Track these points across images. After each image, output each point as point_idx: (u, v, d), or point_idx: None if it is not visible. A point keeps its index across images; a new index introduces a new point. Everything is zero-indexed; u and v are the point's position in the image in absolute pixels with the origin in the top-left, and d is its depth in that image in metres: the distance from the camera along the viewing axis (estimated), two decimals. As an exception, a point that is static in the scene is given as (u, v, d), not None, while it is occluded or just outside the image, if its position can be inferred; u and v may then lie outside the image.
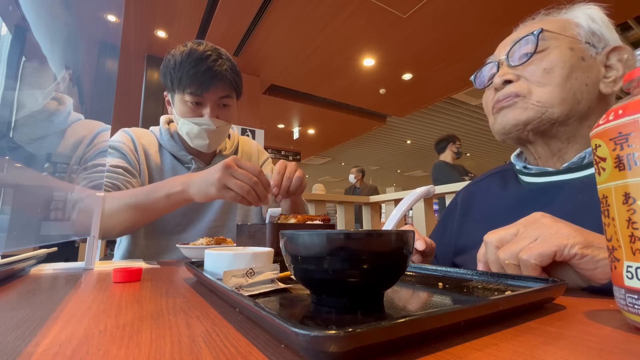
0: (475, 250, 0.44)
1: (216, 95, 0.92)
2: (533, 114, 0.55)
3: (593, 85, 0.55)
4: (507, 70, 0.59)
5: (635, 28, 3.70)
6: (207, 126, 0.92)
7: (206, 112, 0.91)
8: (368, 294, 0.29)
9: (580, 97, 0.54)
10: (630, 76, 0.25)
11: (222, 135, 0.98)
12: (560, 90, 0.54)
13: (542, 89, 0.55)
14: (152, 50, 3.92)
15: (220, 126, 0.94)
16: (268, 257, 0.45)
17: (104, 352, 0.20)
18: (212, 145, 0.97)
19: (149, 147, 1.00)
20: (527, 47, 0.57)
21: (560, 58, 0.55)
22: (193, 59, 0.88)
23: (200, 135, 0.93)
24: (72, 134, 0.80)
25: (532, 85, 0.56)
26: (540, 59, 0.56)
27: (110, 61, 0.85)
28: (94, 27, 0.84)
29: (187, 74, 0.87)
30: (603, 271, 0.34)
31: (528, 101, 0.56)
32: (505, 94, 0.58)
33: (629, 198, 0.22)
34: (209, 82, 0.88)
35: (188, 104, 0.91)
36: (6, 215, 0.50)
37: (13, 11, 0.52)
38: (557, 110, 0.54)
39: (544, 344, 0.21)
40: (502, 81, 0.58)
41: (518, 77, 0.58)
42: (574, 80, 0.54)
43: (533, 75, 0.56)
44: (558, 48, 0.55)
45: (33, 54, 0.60)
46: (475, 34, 3.50)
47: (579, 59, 0.55)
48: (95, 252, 0.65)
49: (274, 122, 6.25)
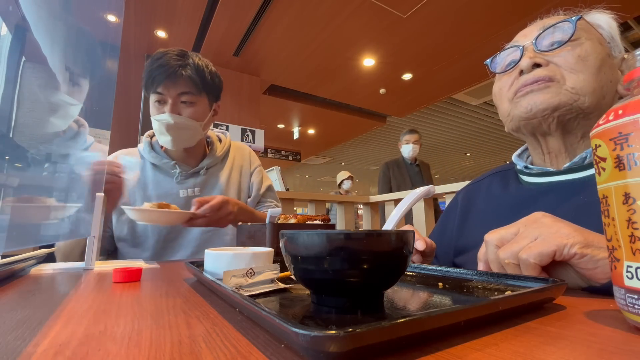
0: (475, 250, 0.44)
1: (174, 91, 0.94)
2: (565, 100, 0.53)
3: (614, 84, 0.55)
4: (535, 54, 0.56)
5: (635, 28, 3.70)
6: (165, 121, 0.93)
7: (166, 109, 0.94)
8: (368, 294, 0.29)
9: (605, 92, 0.54)
10: (630, 76, 0.25)
11: (185, 131, 0.97)
12: (593, 79, 0.53)
13: (576, 75, 0.53)
14: (152, 50, 3.92)
15: (181, 122, 0.95)
16: (268, 257, 0.45)
17: (104, 352, 0.20)
18: (176, 142, 0.97)
19: (130, 169, 1.02)
20: (560, 34, 0.55)
21: (594, 49, 0.54)
22: (155, 58, 0.93)
23: (161, 131, 0.95)
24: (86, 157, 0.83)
25: (564, 71, 0.54)
26: (574, 47, 0.54)
27: (110, 61, 0.85)
28: (94, 27, 0.84)
29: (147, 73, 0.93)
30: (603, 271, 0.34)
31: (562, 86, 0.53)
32: (536, 76, 0.55)
33: (629, 198, 0.22)
34: (164, 77, 0.91)
35: (155, 104, 0.95)
36: (6, 215, 0.50)
37: (13, 11, 0.52)
38: (588, 100, 0.53)
39: (544, 344, 0.21)
40: (531, 63, 0.55)
41: (547, 62, 0.55)
42: (603, 74, 0.54)
43: (566, 61, 0.54)
44: (590, 40, 0.55)
45: (34, 54, 0.60)
46: (475, 34, 3.49)
47: (607, 55, 0.55)
48: (95, 252, 0.65)
49: (274, 122, 6.25)
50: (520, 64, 0.57)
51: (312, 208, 2.35)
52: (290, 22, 3.37)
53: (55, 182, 0.66)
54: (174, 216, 0.81)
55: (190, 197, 1.01)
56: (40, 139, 0.61)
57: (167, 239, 0.99)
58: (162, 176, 1.03)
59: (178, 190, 1.01)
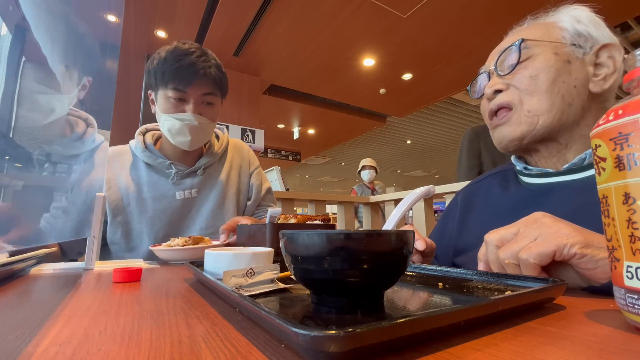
0: (475, 251, 0.44)
1: (199, 91, 0.91)
2: (527, 128, 0.57)
3: (582, 86, 0.55)
4: (496, 81, 0.60)
5: (635, 28, 3.70)
6: (190, 122, 0.90)
7: (189, 109, 0.90)
8: (368, 294, 0.29)
9: (570, 99, 0.55)
10: (630, 76, 0.25)
11: (204, 133, 0.95)
12: (548, 96, 0.55)
13: (531, 97, 0.56)
14: (152, 50, 3.92)
15: (203, 123, 0.92)
16: (268, 257, 0.45)
17: (104, 352, 0.20)
18: (194, 143, 0.94)
19: (121, 168, 0.98)
20: (511, 57, 0.59)
21: (545, 64, 0.56)
22: (177, 54, 0.88)
23: (182, 132, 0.91)
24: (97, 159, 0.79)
25: (522, 93, 0.57)
26: (525, 67, 0.57)
27: (110, 61, 0.85)
28: (94, 27, 0.84)
29: (170, 69, 0.87)
30: (603, 271, 0.34)
31: (520, 113, 0.57)
32: (497, 103, 0.59)
33: (629, 198, 0.22)
34: (192, 77, 0.88)
35: (171, 100, 0.90)
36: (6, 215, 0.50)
37: (13, 11, 0.52)
38: (549, 117, 0.55)
39: (544, 344, 0.21)
40: (492, 91, 0.60)
41: (508, 85, 0.59)
42: (561, 84, 0.55)
43: (521, 83, 0.57)
44: (542, 54, 0.56)
45: (34, 54, 0.60)
46: (475, 34, 3.50)
47: (565, 63, 0.56)
48: (95, 252, 0.65)
49: (274, 122, 6.25)
50: (485, 92, 0.62)
51: (312, 208, 2.35)
52: (290, 22, 3.37)
53: (59, 183, 0.65)
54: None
55: (186, 199, 0.98)
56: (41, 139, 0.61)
57: (165, 240, 0.98)
58: (157, 176, 0.98)
59: (174, 192, 0.97)
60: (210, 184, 1.03)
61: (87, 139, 0.75)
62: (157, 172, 0.99)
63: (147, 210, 0.95)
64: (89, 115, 0.73)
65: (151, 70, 0.92)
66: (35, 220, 0.55)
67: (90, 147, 0.77)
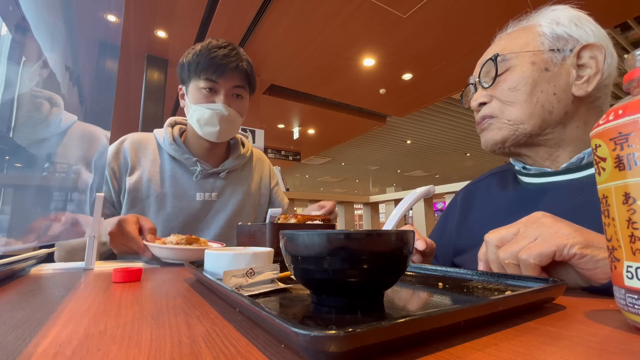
0: (474, 251, 0.44)
1: (231, 83, 0.92)
2: (507, 133, 0.59)
3: (563, 91, 0.56)
4: (481, 93, 0.62)
5: (635, 28, 3.70)
6: (220, 111, 0.91)
7: (219, 99, 0.91)
8: (368, 294, 0.29)
9: (550, 107, 0.56)
10: (630, 76, 0.25)
11: (233, 125, 0.96)
12: (526, 106, 0.56)
13: (511, 107, 0.58)
14: (152, 50, 3.92)
15: (232, 115, 0.93)
16: (268, 257, 0.45)
17: (104, 352, 0.20)
18: (222, 134, 0.94)
19: (144, 157, 0.97)
20: (491, 70, 0.60)
21: (522, 75, 0.57)
22: (211, 47, 0.91)
23: (211, 121, 0.92)
24: (72, 143, 0.73)
25: (503, 105, 0.59)
26: (505, 79, 0.58)
27: (110, 61, 0.85)
28: (94, 27, 0.84)
29: (204, 59, 0.89)
30: (603, 271, 0.34)
31: (501, 121, 0.59)
32: (481, 115, 0.62)
33: (629, 198, 0.22)
34: (225, 68, 0.90)
35: (202, 91, 0.91)
36: (6, 215, 0.50)
37: (13, 11, 0.52)
38: (529, 126, 0.57)
39: (544, 344, 0.21)
40: (477, 104, 0.63)
41: (491, 97, 0.61)
42: (540, 93, 0.56)
43: (501, 94, 0.59)
44: (519, 65, 0.57)
45: (32, 54, 0.59)
46: (475, 34, 3.50)
47: (542, 71, 0.56)
48: (95, 252, 0.65)
49: (274, 122, 6.25)
50: (471, 105, 0.65)
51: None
52: (290, 22, 3.37)
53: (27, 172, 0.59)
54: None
55: (206, 202, 0.98)
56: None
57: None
58: (180, 172, 0.97)
59: (195, 192, 0.97)
60: (231, 190, 1.03)
61: (52, 120, 0.68)
62: (181, 168, 0.98)
63: (165, 207, 0.94)
64: (53, 94, 0.67)
65: (185, 64, 0.94)
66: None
67: (58, 130, 0.71)
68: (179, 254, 0.67)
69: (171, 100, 5.05)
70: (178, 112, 5.42)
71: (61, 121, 0.69)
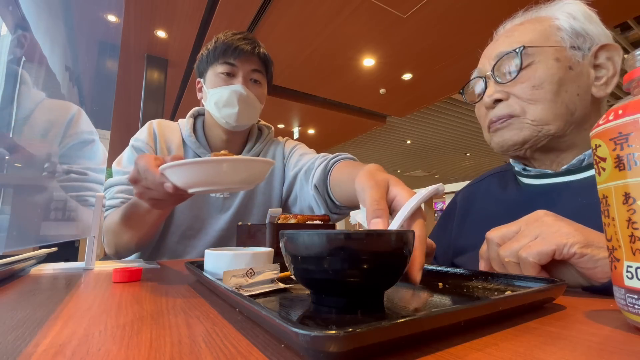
0: (474, 251, 0.45)
1: (249, 66, 0.92)
2: (530, 133, 0.54)
3: (585, 92, 0.54)
4: (495, 88, 0.57)
5: (635, 28, 3.70)
6: (238, 90, 0.89)
7: (237, 81, 0.91)
8: (368, 294, 0.29)
9: (573, 108, 0.53)
10: (630, 76, 0.25)
11: (252, 109, 0.93)
12: (552, 106, 0.53)
13: (535, 106, 0.53)
14: (152, 50, 3.92)
15: (251, 97, 0.92)
16: (268, 257, 0.45)
17: (104, 352, 0.20)
18: (241, 116, 0.91)
19: (172, 144, 0.95)
20: (511, 64, 0.55)
21: (547, 72, 0.53)
22: (230, 34, 0.92)
23: (230, 102, 0.89)
24: (38, 118, 0.68)
25: (524, 103, 0.54)
26: (528, 76, 0.54)
27: (110, 61, 0.85)
28: (94, 27, 0.84)
29: (222, 44, 0.90)
30: (602, 270, 0.34)
31: (523, 120, 0.55)
32: (499, 115, 0.57)
33: (629, 198, 0.22)
34: (242, 50, 0.90)
35: (221, 76, 0.91)
36: (6, 215, 0.50)
37: (13, 11, 0.52)
38: (553, 127, 0.53)
39: (544, 344, 0.21)
40: (492, 100, 0.57)
41: (508, 94, 0.56)
42: (565, 93, 0.53)
43: (523, 93, 0.54)
44: (543, 61, 0.53)
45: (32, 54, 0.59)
46: (475, 34, 3.49)
47: (567, 70, 0.53)
48: (95, 252, 0.65)
49: (274, 122, 6.25)
50: (483, 100, 0.59)
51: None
52: (290, 22, 3.37)
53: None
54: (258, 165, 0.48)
55: (218, 199, 0.96)
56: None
57: (184, 235, 0.93)
58: None
59: None
60: None
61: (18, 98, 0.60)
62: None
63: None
64: (21, 70, 0.60)
65: (203, 54, 0.94)
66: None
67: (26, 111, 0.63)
68: (209, 170, 0.44)
69: (171, 100, 5.05)
70: (178, 112, 5.42)
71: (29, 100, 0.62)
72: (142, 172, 0.53)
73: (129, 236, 0.76)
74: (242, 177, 0.46)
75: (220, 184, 0.46)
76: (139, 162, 0.54)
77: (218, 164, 0.44)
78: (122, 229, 0.75)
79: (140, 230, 0.75)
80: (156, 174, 0.50)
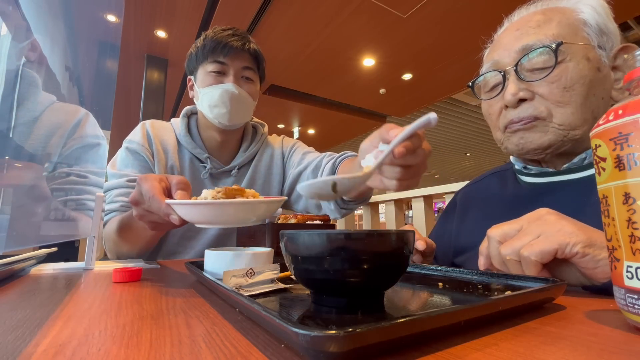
0: (474, 251, 0.44)
1: (239, 63, 0.90)
2: (555, 137, 0.50)
3: (608, 97, 0.51)
4: (519, 86, 0.52)
5: (635, 28, 3.70)
6: (230, 89, 0.87)
7: (228, 80, 0.89)
8: (368, 294, 0.29)
9: (597, 113, 0.50)
10: (630, 76, 0.25)
11: (244, 107, 0.91)
12: (581, 110, 0.49)
13: (563, 109, 0.49)
14: (152, 50, 3.92)
15: (243, 95, 0.90)
16: (268, 257, 0.45)
17: (104, 352, 0.20)
18: (233, 115, 0.89)
19: (168, 145, 0.94)
20: (541, 60, 0.50)
21: (579, 73, 0.49)
22: (218, 30, 0.90)
23: (222, 101, 0.87)
24: (46, 120, 0.69)
25: (551, 105, 0.50)
26: (559, 76, 0.49)
27: (110, 61, 0.85)
28: (94, 27, 0.84)
29: (211, 42, 0.88)
30: (603, 270, 0.34)
31: (548, 124, 0.51)
32: (522, 116, 0.52)
33: (629, 198, 0.22)
34: (232, 48, 0.88)
35: (211, 74, 0.88)
36: (6, 215, 0.50)
37: (13, 11, 0.52)
38: (579, 132, 0.50)
39: (544, 344, 0.21)
40: (516, 100, 0.52)
41: (533, 94, 0.51)
42: (593, 97, 0.50)
43: (551, 94, 0.50)
44: (575, 60, 0.49)
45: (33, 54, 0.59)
46: (475, 34, 3.49)
47: (596, 71, 0.50)
48: (95, 252, 0.65)
49: (274, 122, 6.25)
50: (505, 98, 0.53)
51: (312, 208, 2.34)
52: (290, 22, 3.37)
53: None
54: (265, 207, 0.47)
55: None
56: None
57: (184, 236, 0.91)
58: (196, 167, 0.92)
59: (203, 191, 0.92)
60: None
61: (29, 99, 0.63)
62: (197, 163, 0.95)
63: None
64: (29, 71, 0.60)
65: (192, 52, 0.92)
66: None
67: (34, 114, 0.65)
68: (216, 211, 0.44)
69: (171, 100, 5.05)
70: (178, 112, 5.42)
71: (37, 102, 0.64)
72: (146, 197, 0.51)
73: (128, 248, 0.77)
74: (252, 217, 0.47)
75: (230, 222, 0.47)
76: (142, 185, 0.52)
77: (229, 206, 0.44)
78: (120, 241, 0.76)
79: (138, 244, 0.76)
80: (162, 204, 0.49)
